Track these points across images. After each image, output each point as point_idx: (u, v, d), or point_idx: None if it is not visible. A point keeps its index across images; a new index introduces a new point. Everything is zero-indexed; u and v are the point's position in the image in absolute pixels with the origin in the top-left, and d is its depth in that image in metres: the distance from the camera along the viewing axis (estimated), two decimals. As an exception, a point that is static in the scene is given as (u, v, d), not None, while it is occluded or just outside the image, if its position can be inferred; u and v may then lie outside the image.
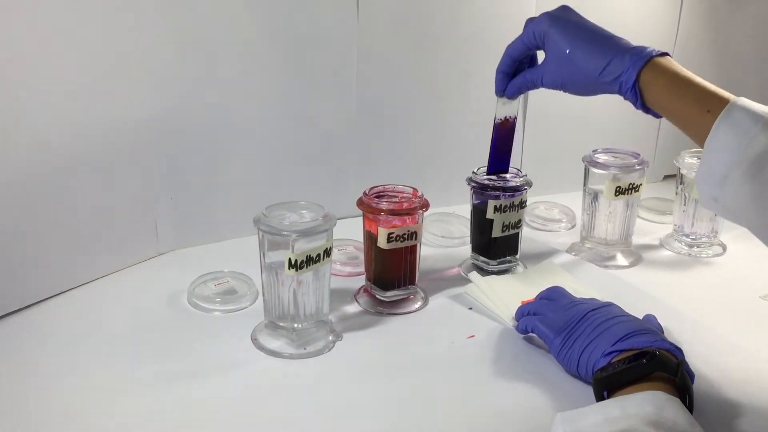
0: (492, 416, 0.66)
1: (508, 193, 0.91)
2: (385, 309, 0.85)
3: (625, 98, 0.72)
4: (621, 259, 1.03)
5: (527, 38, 0.79)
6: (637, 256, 1.05)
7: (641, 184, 0.99)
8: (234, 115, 0.99)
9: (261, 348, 0.76)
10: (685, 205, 1.06)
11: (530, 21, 0.79)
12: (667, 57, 0.71)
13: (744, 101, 0.63)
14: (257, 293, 0.86)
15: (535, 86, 0.81)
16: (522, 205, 0.93)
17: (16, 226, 0.79)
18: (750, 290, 0.94)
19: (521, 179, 0.93)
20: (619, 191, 0.97)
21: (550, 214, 1.19)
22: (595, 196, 1.01)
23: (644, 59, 0.70)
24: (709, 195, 0.64)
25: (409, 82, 1.13)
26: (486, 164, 0.92)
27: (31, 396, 0.66)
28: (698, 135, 0.66)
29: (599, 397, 0.63)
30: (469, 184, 0.93)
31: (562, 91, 0.78)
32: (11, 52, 0.75)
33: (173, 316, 0.82)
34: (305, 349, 0.75)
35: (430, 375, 0.72)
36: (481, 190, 0.92)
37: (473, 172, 0.94)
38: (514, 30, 0.81)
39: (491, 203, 0.91)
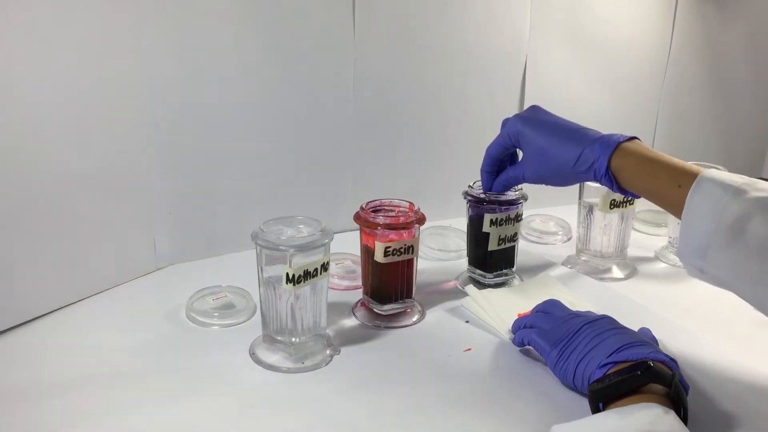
0: (489, 429, 0.66)
1: (504, 207, 0.92)
2: (382, 322, 0.86)
3: (602, 184, 0.77)
4: (616, 272, 1.03)
5: (503, 139, 0.85)
6: (633, 268, 1.05)
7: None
8: (231, 131, 1.00)
9: (259, 362, 0.76)
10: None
11: (505, 122, 0.85)
12: (636, 140, 0.75)
13: (712, 173, 0.67)
14: (255, 307, 0.86)
15: (518, 182, 0.87)
16: (518, 218, 0.94)
17: (13, 240, 0.79)
18: (742, 302, 0.93)
19: (517, 193, 0.93)
20: (614, 204, 0.98)
21: (546, 227, 1.20)
22: (591, 209, 1.01)
23: (613, 146, 0.74)
24: (694, 267, 0.68)
25: (405, 96, 1.14)
26: (480, 175, 0.93)
27: (28, 412, 0.66)
28: (675, 210, 0.69)
29: (595, 409, 0.64)
30: (465, 197, 0.94)
31: (543, 184, 0.84)
32: (9, 64, 0.75)
33: (171, 331, 0.83)
34: (303, 363, 0.76)
35: (428, 388, 0.73)
36: (477, 204, 0.93)
37: (469, 186, 0.94)
38: (509, 44, 0.82)
39: (487, 216, 0.91)
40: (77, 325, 0.83)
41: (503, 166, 0.89)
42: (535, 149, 0.81)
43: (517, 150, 0.87)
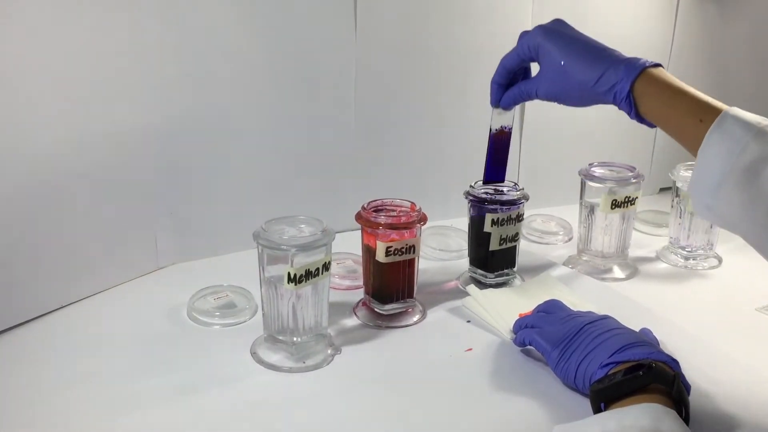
0: (490, 429, 0.67)
1: (505, 207, 0.92)
2: (383, 322, 0.86)
3: (620, 108, 0.73)
4: (617, 272, 1.03)
5: (522, 50, 0.80)
6: (634, 268, 1.05)
7: (637, 197, 0.99)
8: (233, 130, 1.00)
9: (260, 362, 0.76)
10: (680, 217, 1.07)
11: (524, 34, 0.80)
12: (660, 68, 0.72)
13: (736, 111, 0.64)
14: (256, 307, 0.86)
15: (529, 98, 0.82)
16: (519, 218, 0.94)
17: (14, 240, 0.79)
18: (746, 302, 0.94)
19: (518, 193, 0.93)
20: (615, 204, 0.98)
21: (547, 227, 1.20)
22: (592, 209, 1.01)
23: (638, 69, 0.71)
24: (703, 203, 0.65)
25: (406, 96, 1.14)
26: (482, 175, 0.93)
27: (31, 411, 0.67)
28: (691, 144, 0.66)
29: (596, 410, 0.64)
30: (466, 197, 0.94)
31: (556, 103, 0.79)
32: (9, 63, 0.75)
33: (173, 330, 0.83)
34: (304, 362, 0.76)
35: (429, 388, 0.73)
36: (478, 204, 0.93)
37: (471, 186, 0.94)
38: (510, 45, 0.82)
39: (489, 216, 0.91)
40: (78, 324, 0.83)
41: (515, 80, 0.84)
42: (553, 64, 0.76)
43: (532, 66, 0.83)
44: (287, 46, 1.00)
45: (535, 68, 0.81)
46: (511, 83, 0.84)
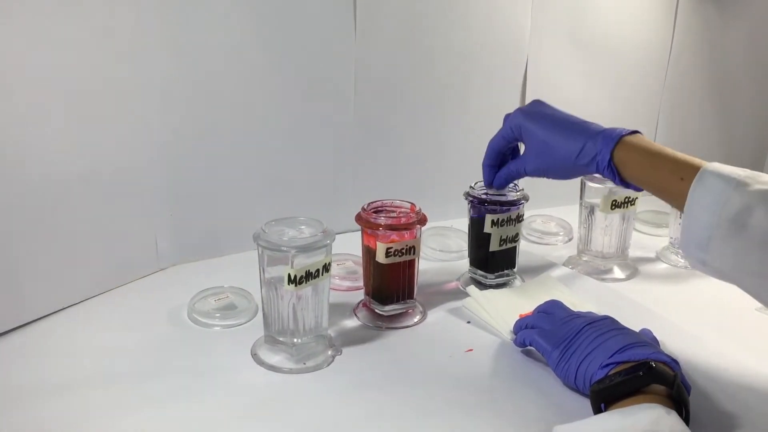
0: (490, 430, 0.66)
1: (505, 208, 0.92)
2: (383, 323, 0.86)
3: (604, 176, 0.77)
4: (618, 272, 1.03)
5: (506, 133, 0.85)
6: (634, 269, 1.05)
7: (637, 198, 1.00)
8: (232, 131, 1.00)
9: (261, 363, 0.76)
10: (680, 217, 1.07)
11: (507, 117, 0.85)
12: (637, 134, 0.76)
13: (714, 166, 0.67)
14: (257, 308, 0.86)
15: (519, 176, 0.87)
16: (519, 219, 0.94)
17: (14, 242, 0.79)
18: (745, 303, 0.93)
19: (518, 193, 0.93)
20: (615, 205, 0.98)
21: (547, 227, 1.20)
22: (592, 209, 1.02)
23: (615, 139, 0.75)
24: (697, 259, 0.68)
25: (406, 97, 1.14)
26: (482, 178, 0.93)
27: (32, 413, 0.67)
28: (677, 203, 0.69)
29: (597, 410, 0.64)
30: (466, 198, 0.94)
31: (545, 178, 0.84)
32: (10, 65, 0.75)
33: (173, 332, 0.83)
34: (305, 363, 0.76)
35: (429, 388, 0.73)
36: (478, 205, 0.93)
37: (471, 187, 0.94)
38: (511, 44, 0.82)
39: (489, 217, 0.91)
40: (79, 326, 0.83)
41: (505, 160, 0.89)
42: (537, 142, 0.81)
43: (519, 144, 0.87)
44: (287, 48, 1.01)
45: (522, 147, 0.85)
46: (502, 163, 0.89)
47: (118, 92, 0.87)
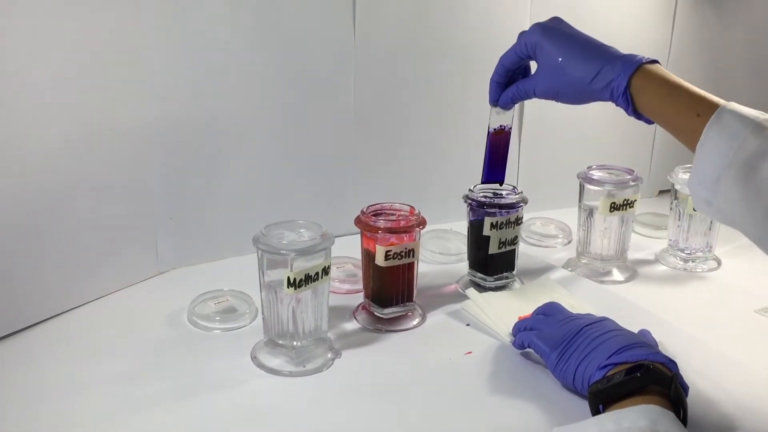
0: (489, 431, 0.67)
1: (504, 210, 0.92)
2: (383, 326, 0.86)
3: (617, 104, 0.73)
4: (617, 275, 1.03)
5: (520, 49, 0.80)
6: (633, 271, 1.06)
7: (636, 200, 1.00)
8: (232, 134, 1.00)
9: (260, 366, 0.76)
10: (679, 219, 1.07)
11: (523, 32, 0.81)
12: (657, 64, 0.72)
13: (733, 105, 0.64)
14: (256, 311, 0.87)
15: (528, 96, 0.82)
16: (518, 221, 0.94)
17: (14, 246, 0.79)
18: (745, 304, 0.94)
19: (517, 196, 0.94)
20: (614, 207, 0.98)
21: (546, 230, 1.20)
22: (591, 212, 1.02)
23: (635, 65, 0.71)
24: (702, 198, 0.65)
25: (405, 99, 1.14)
26: (481, 176, 0.93)
27: (33, 416, 0.67)
28: (689, 139, 0.66)
29: (595, 411, 0.64)
30: (465, 201, 0.94)
31: (554, 100, 0.80)
32: (9, 65, 0.76)
33: (173, 335, 0.83)
34: (304, 366, 0.76)
35: (428, 391, 0.73)
36: (477, 207, 0.93)
37: (470, 189, 0.95)
38: (508, 46, 0.82)
39: (488, 220, 0.91)
40: (79, 329, 0.83)
41: (514, 78, 0.85)
42: (551, 62, 0.77)
43: (531, 64, 0.83)
44: (286, 50, 1.01)
45: (534, 67, 0.81)
46: (510, 82, 0.84)
47: (118, 94, 0.87)
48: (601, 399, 0.63)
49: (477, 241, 0.94)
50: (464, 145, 1.20)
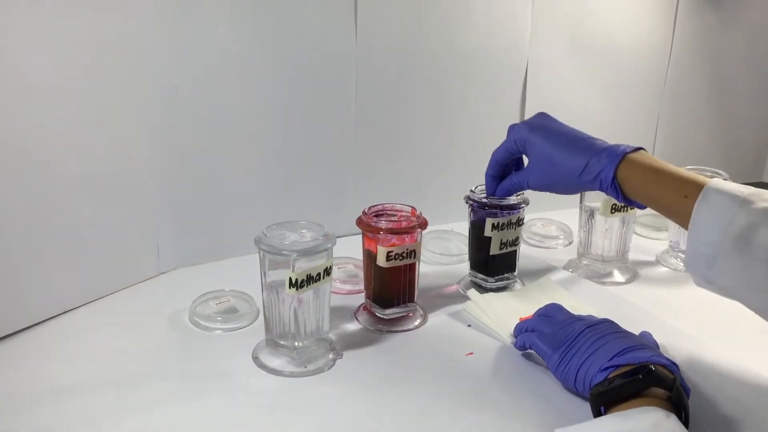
0: (491, 432, 0.67)
1: (505, 211, 0.92)
2: (384, 326, 0.86)
3: (607, 194, 0.76)
4: (618, 276, 1.03)
5: (510, 145, 0.85)
6: (634, 272, 1.06)
7: (637, 202, 1.00)
8: (233, 134, 1.00)
9: (262, 366, 0.76)
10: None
11: (511, 129, 0.85)
12: (641, 151, 0.76)
13: (718, 183, 0.67)
14: (258, 312, 0.87)
15: (522, 188, 0.87)
16: (519, 222, 0.94)
17: (17, 245, 0.80)
18: (744, 307, 0.94)
19: (519, 197, 0.94)
20: (615, 208, 0.98)
21: (547, 231, 1.20)
22: (592, 213, 1.02)
23: (619, 156, 0.74)
24: (702, 277, 0.68)
25: (406, 101, 1.14)
26: (483, 179, 0.93)
27: (31, 418, 0.67)
28: (681, 220, 0.69)
29: (596, 413, 0.64)
30: (467, 202, 0.94)
31: (548, 192, 0.83)
32: (10, 67, 0.76)
33: (174, 335, 0.83)
34: (306, 367, 0.76)
35: (430, 392, 0.73)
36: (479, 208, 0.93)
37: (471, 191, 0.95)
38: (511, 48, 0.83)
39: (489, 221, 0.92)
40: (81, 329, 0.83)
41: (508, 170, 0.89)
42: (540, 157, 0.81)
43: (523, 156, 0.87)
44: (288, 51, 1.01)
45: (527, 159, 0.85)
46: (505, 174, 0.89)
47: (120, 95, 0.87)
48: (603, 401, 0.63)
49: (478, 242, 0.95)
50: (465, 146, 1.20)
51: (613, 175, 0.74)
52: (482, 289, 0.95)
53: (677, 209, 0.70)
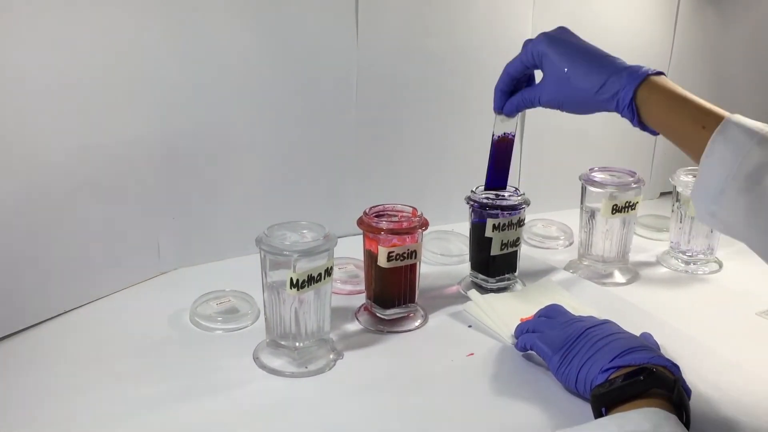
0: (492, 433, 0.67)
1: (506, 212, 0.92)
2: (385, 327, 0.86)
3: (622, 115, 0.73)
4: (618, 276, 1.03)
5: (526, 58, 0.80)
6: (634, 273, 1.06)
7: (637, 202, 1.00)
8: (235, 135, 1.00)
9: (263, 367, 0.76)
10: (681, 222, 1.08)
11: (528, 41, 0.81)
12: (663, 76, 0.73)
13: (738, 118, 0.65)
14: (259, 312, 0.87)
15: (532, 105, 0.83)
16: (520, 223, 0.94)
17: (18, 246, 0.80)
18: (746, 307, 0.94)
19: (519, 198, 0.94)
20: (616, 209, 0.98)
21: (548, 231, 1.20)
22: (592, 213, 1.02)
23: (640, 77, 0.71)
24: (706, 210, 0.65)
25: (408, 100, 1.14)
26: (484, 180, 0.93)
27: (33, 417, 0.67)
28: (694, 151, 0.67)
29: (597, 414, 0.64)
30: (468, 202, 0.94)
31: (559, 110, 0.80)
32: (12, 69, 0.76)
33: (175, 335, 0.83)
34: (306, 367, 0.76)
35: (430, 393, 0.73)
36: (480, 209, 0.93)
37: (472, 191, 0.95)
38: (511, 48, 0.82)
39: (490, 222, 0.91)
40: (81, 329, 0.83)
41: (519, 87, 0.85)
42: (556, 72, 0.77)
43: (536, 73, 0.83)
44: (289, 52, 1.01)
45: (539, 75, 0.81)
46: (515, 90, 0.85)
47: (121, 96, 0.87)
48: (604, 402, 0.63)
49: (479, 243, 0.94)
50: (466, 147, 1.20)
51: (632, 96, 0.71)
52: (483, 290, 0.95)
53: (693, 139, 0.67)
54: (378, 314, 0.87)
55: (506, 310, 0.87)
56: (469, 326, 0.88)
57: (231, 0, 0.94)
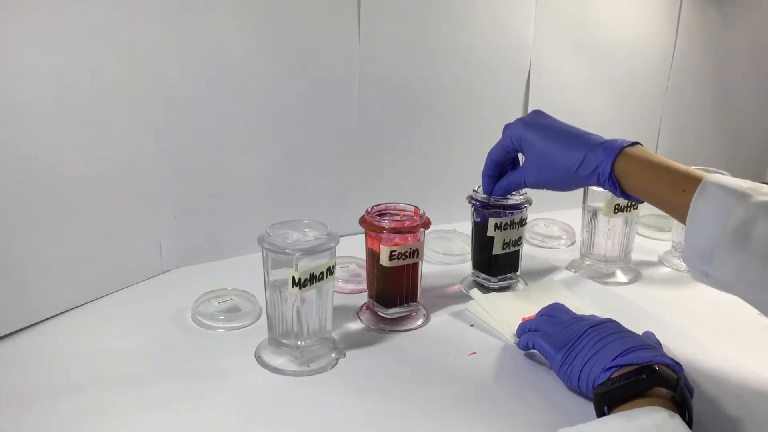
0: (494, 432, 0.67)
1: (508, 211, 0.92)
2: (387, 326, 0.86)
3: (605, 188, 0.76)
4: (620, 276, 1.03)
5: (506, 143, 0.85)
6: (637, 272, 1.06)
7: (639, 202, 1.00)
8: (237, 134, 1.00)
9: (264, 365, 0.76)
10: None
11: (507, 127, 0.85)
12: (638, 146, 0.76)
13: (716, 177, 0.67)
14: (261, 311, 0.87)
15: (519, 187, 0.87)
16: (522, 222, 0.94)
17: (20, 244, 0.80)
18: (747, 306, 0.94)
19: (521, 197, 0.94)
20: (618, 209, 0.98)
21: (550, 231, 1.20)
22: (594, 213, 1.02)
23: (616, 150, 0.74)
24: (699, 270, 0.68)
25: (409, 101, 1.14)
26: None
27: (34, 415, 0.67)
28: (679, 214, 0.69)
29: (600, 413, 0.64)
30: (470, 202, 0.94)
31: (546, 189, 0.84)
32: (11, 67, 0.76)
33: (177, 334, 0.83)
34: (308, 366, 0.76)
35: (432, 392, 0.73)
36: (482, 208, 0.93)
37: (474, 190, 0.95)
38: (514, 48, 0.83)
39: (492, 221, 0.91)
40: (83, 327, 0.83)
41: (505, 170, 0.89)
42: (537, 154, 0.81)
43: (519, 155, 0.87)
44: (291, 52, 1.01)
45: (522, 158, 0.85)
46: (502, 173, 0.89)
47: (123, 95, 0.87)
48: (607, 400, 0.63)
49: (481, 242, 0.94)
50: (468, 146, 1.20)
51: (611, 169, 0.74)
52: (485, 289, 0.95)
53: (675, 203, 0.69)
54: (380, 313, 0.87)
55: (508, 309, 0.87)
56: (471, 325, 0.88)
57: (233, 1, 0.94)
